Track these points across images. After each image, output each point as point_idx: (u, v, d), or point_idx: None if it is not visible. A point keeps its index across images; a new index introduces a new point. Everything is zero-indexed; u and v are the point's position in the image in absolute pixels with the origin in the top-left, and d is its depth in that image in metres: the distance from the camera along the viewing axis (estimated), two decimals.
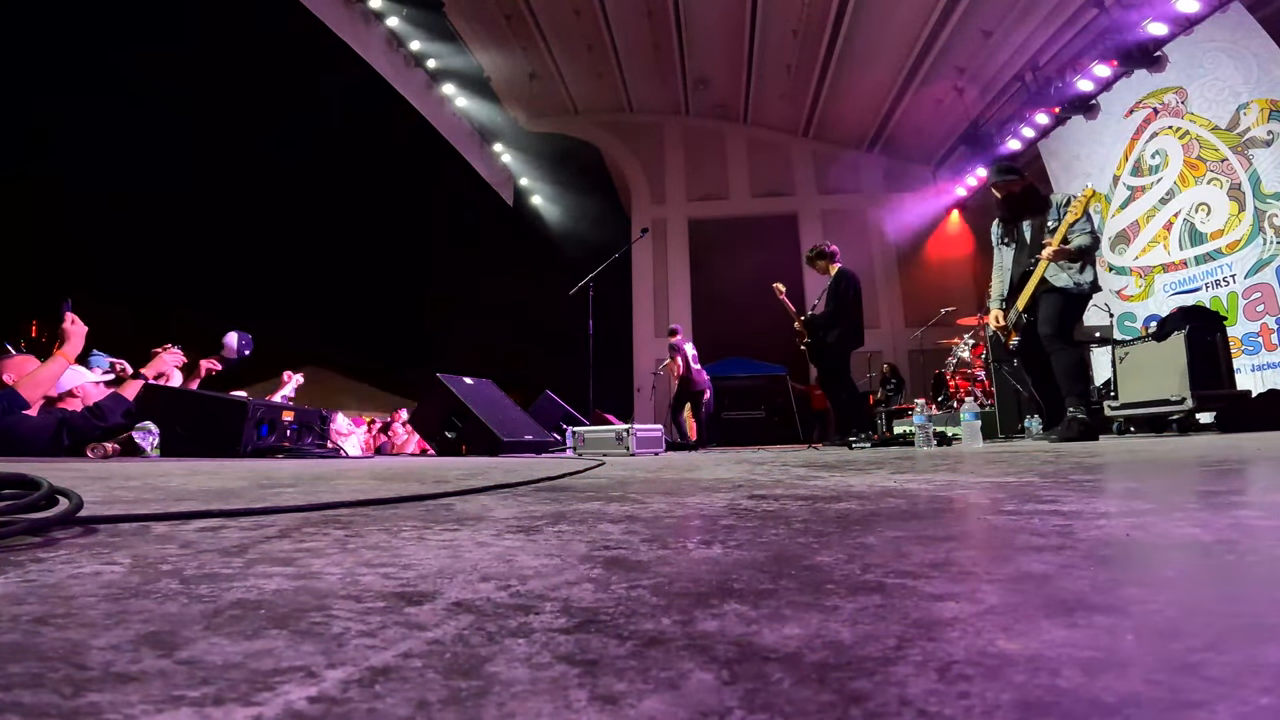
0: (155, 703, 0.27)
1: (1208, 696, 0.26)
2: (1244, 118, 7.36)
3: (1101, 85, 9.09)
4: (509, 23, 11.38)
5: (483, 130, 13.88)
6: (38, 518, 0.69)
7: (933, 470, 1.68)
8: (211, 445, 3.32)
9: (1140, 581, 0.49)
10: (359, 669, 0.31)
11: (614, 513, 0.92)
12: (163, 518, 0.82)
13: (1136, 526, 0.69)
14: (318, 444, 3.97)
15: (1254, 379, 7.00)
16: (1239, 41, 7.38)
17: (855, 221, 13.99)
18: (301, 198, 11.96)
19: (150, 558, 0.58)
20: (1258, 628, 0.35)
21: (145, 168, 10.40)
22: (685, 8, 10.99)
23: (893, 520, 0.79)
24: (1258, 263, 7.20)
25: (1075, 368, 3.95)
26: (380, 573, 0.52)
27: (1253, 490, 1.07)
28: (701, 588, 0.47)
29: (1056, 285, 3.94)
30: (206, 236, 11.23)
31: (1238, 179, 7.43)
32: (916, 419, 4.13)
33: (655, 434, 4.75)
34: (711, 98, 13.74)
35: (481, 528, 0.78)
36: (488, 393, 5.10)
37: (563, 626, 0.38)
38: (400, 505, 1.01)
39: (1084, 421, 3.80)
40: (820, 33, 11.08)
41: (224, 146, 11.05)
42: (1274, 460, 1.63)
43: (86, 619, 0.39)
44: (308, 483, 1.49)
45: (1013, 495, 1.02)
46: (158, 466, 2.19)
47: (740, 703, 0.27)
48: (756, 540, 0.67)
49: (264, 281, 11.89)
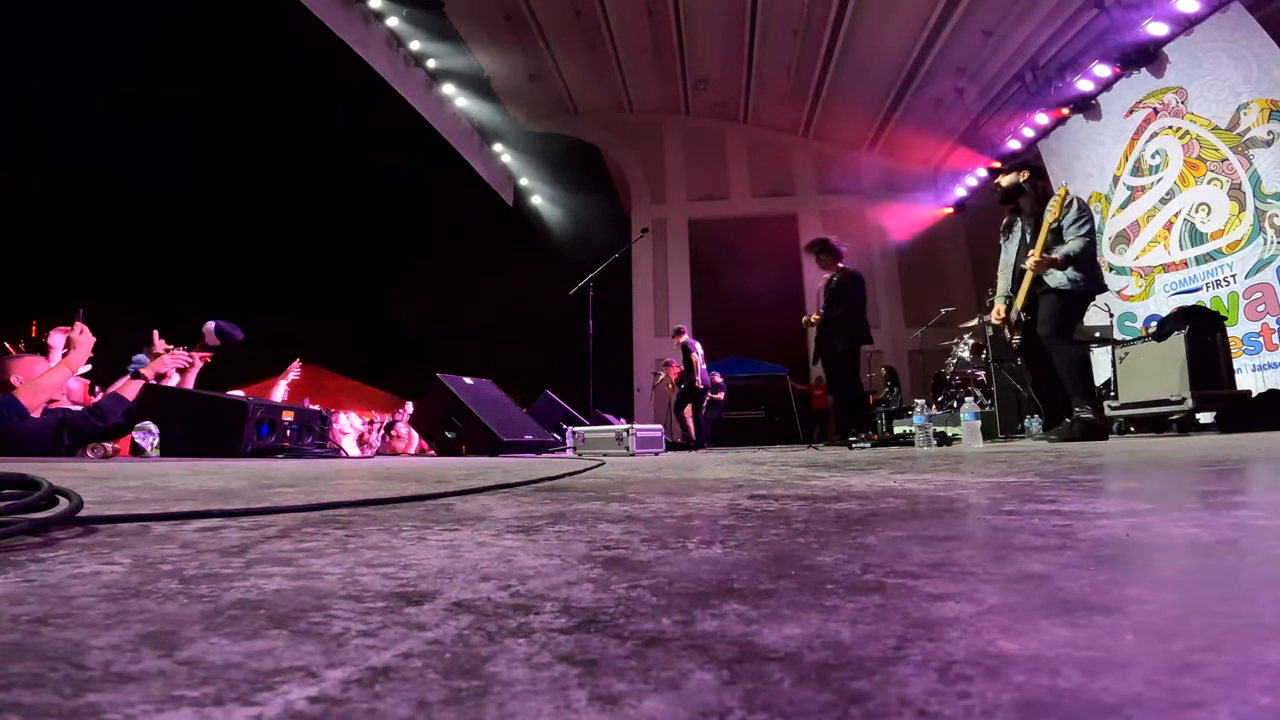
0: (155, 703, 0.27)
1: (1208, 696, 0.26)
2: (1244, 118, 7.36)
3: (1101, 85, 9.09)
4: (509, 23, 11.38)
5: (483, 130, 13.88)
6: (38, 518, 0.68)
7: (933, 470, 1.68)
8: (211, 445, 3.32)
9: (1140, 581, 0.49)
10: (359, 669, 0.31)
11: (614, 513, 0.92)
12: (163, 518, 0.82)
13: (1136, 526, 0.69)
14: (318, 444, 3.97)
15: (1255, 379, 7.00)
16: (1239, 41, 7.38)
17: (855, 221, 14.00)
18: (302, 198, 11.96)
19: (150, 558, 0.58)
20: (1258, 628, 0.35)
21: (145, 167, 10.41)
22: (685, 8, 10.99)
23: (893, 520, 0.79)
24: (1258, 263, 7.20)
25: (1077, 366, 3.88)
26: (380, 573, 0.52)
27: (1253, 490, 1.07)
28: (701, 588, 0.47)
29: (1052, 284, 3.91)
30: (206, 237, 11.23)
31: (1238, 179, 7.43)
32: (916, 419, 4.12)
33: (655, 434, 4.75)
34: (711, 98, 13.75)
35: (481, 528, 0.78)
36: (488, 393, 5.10)
37: (563, 626, 0.38)
38: (400, 505, 1.01)
39: (1090, 421, 3.73)
40: (820, 33, 11.08)
41: (223, 146, 11.05)
42: (1274, 460, 1.63)
43: (86, 619, 0.39)
44: (308, 483, 1.49)
45: (1013, 495, 1.02)
46: (158, 466, 2.19)
47: (740, 703, 0.27)
48: (757, 540, 0.67)
49: (264, 281, 11.89)
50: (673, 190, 14.86)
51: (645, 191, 14.93)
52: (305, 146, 11.56)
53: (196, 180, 11.03)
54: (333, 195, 12.53)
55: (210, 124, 10.94)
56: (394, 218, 13.70)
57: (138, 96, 10.11)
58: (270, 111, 11.01)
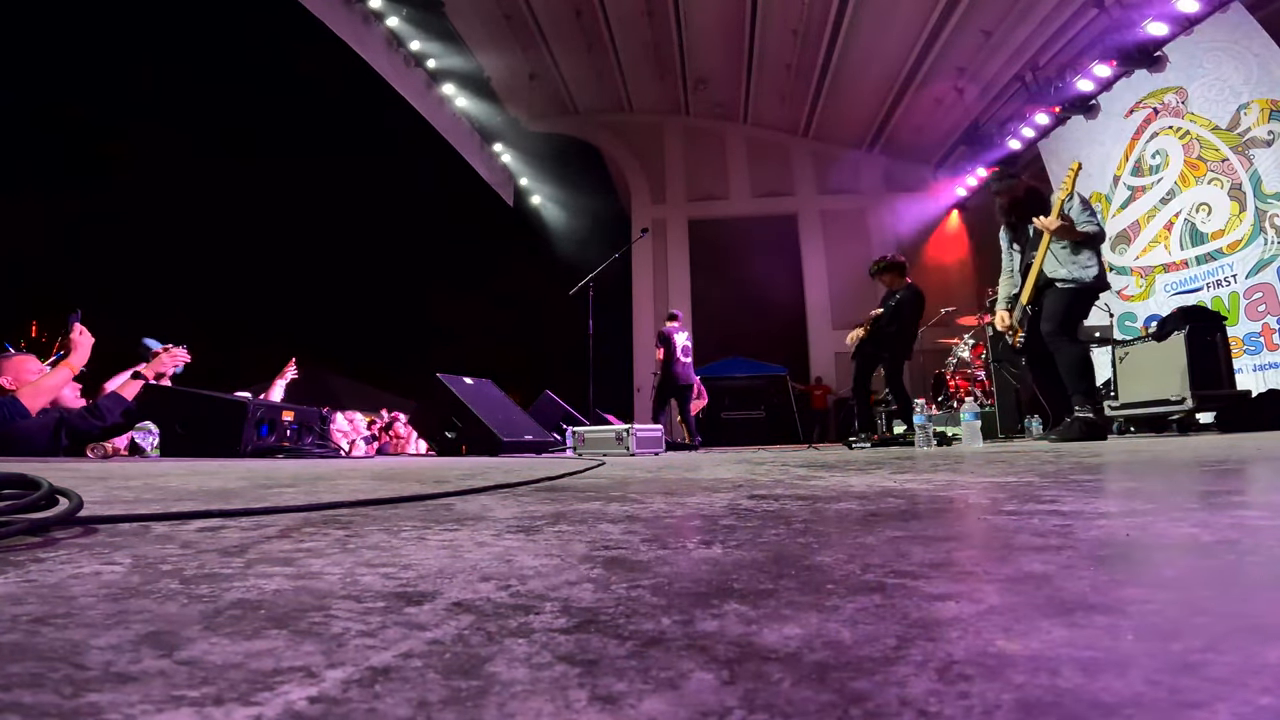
0: (155, 703, 0.27)
1: (1208, 696, 0.26)
2: (1244, 118, 7.36)
3: (1101, 85, 9.09)
4: (509, 23, 11.38)
5: (483, 130, 13.88)
6: (38, 518, 0.68)
7: (933, 470, 1.68)
8: (211, 445, 3.32)
9: (1140, 581, 0.49)
10: (359, 669, 0.31)
11: (614, 513, 0.92)
12: (163, 518, 0.82)
13: (1136, 526, 0.69)
14: (318, 444, 3.97)
15: (1255, 379, 7.00)
16: (1239, 41, 7.38)
17: (855, 221, 14.00)
18: (301, 198, 11.97)
19: (150, 558, 0.58)
20: (1258, 628, 0.35)
21: (145, 166, 10.41)
22: (685, 8, 10.99)
23: (893, 520, 0.79)
24: (1259, 262, 7.20)
25: (1080, 365, 3.83)
26: (380, 573, 0.52)
27: (1253, 490, 1.07)
28: (701, 588, 0.47)
29: (1057, 278, 3.85)
30: (206, 236, 11.23)
31: (1238, 179, 7.43)
32: (916, 419, 4.12)
33: (655, 434, 4.75)
34: (711, 98, 13.75)
35: (481, 528, 0.78)
36: (488, 393, 5.10)
37: (563, 626, 0.38)
38: (400, 505, 1.01)
39: (1089, 420, 3.70)
40: (820, 33, 11.08)
41: (223, 146, 11.06)
42: (1274, 460, 1.63)
43: (86, 619, 0.39)
44: (308, 483, 1.49)
45: (1013, 495, 1.02)
46: (158, 466, 2.19)
47: (740, 703, 0.27)
48: (757, 540, 0.67)
49: (263, 281, 11.89)
50: (673, 190, 14.86)
51: (645, 191, 14.93)
52: (305, 147, 11.57)
53: (196, 180, 11.03)
54: (332, 195, 12.53)
55: (210, 123, 10.95)
56: (394, 218, 13.70)
57: (139, 99, 10.12)
58: (270, 111, 11.02)
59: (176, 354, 3.63)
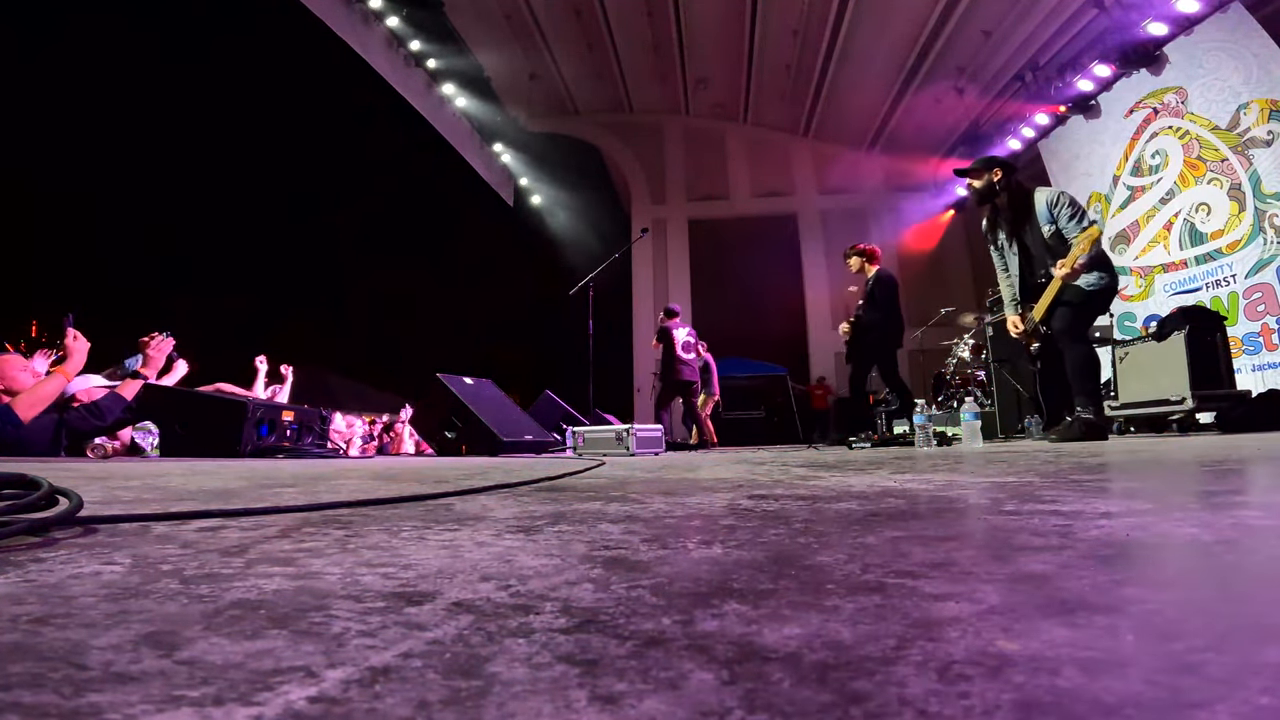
0: (155, 703, 0.27)
1: (1208, 696, 0.26)
2: (1244, 118, 7.36)
3: (1101, 85, 9.09)
4: (509, 23, 11.38)
5: (483, 130, 13.87)
6: (38, 518, 0.68)
7: (933, 470, 1.68)
8: (211, 445, 3.32)
9: (1140, 581, 0.49)
10: (359, 669, 0.31)
11: (614, 513, 0.92)
12: (163, 518, 0.82)
13: (1136, 526, 0.69)
14: (318, 444, 3.97)
15: (1255, 379, 7.00)
16: (1239, 41, 7.38)
17: (856, 221, 13.99)
18: (301, 198, 11.97)
19: (150, 558, 0.58)
20: (1258, 628, 0.35)
21: (144, 166, 10.41)
22: (685, 8, 10.99)
23: (893, 520, 0.79)
24: (1258, 262, 7.20)
25: (1086, 365, 3.80)
26: (380, 573, 0.52)
27: (1253, 490, 1.07)
28: (701, 588, 0.47)
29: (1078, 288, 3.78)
30: (205, 236, 11.23)
31: (1238, 179, 7.43)
32: (916, 419, 4.11)
33: (655, 434, 4.75)
34: (711, 98, 13.75)
35: (481, 528, 0.78)
36: (488, 393, 5.10)
37: (563, 626, 0.38)
38: (400, 505, 1.01)
39: (1090, 420, 3.68)
40: (820, 33, 11.08)
41: (222, 146, 11.05)
42: (1274, 460, 1.63)
43: (86, 619, 0.39)
44: (308, 483, 1.49)
45: (1013, 495, 1.02)
46: (157, 466, 2.19)
47: (740, 703, 0.27)
48: (757, 540, 0.67)
49: (263, 281, 11.89)
50: (673, 190, 14.86)
51: (645, 191, 14.93)
52: (305, 147, 11.57)
53: (195, 181, 11.03)
54: (333, 196, 12.53)
55: (209, 124, 10.94)
56: (394, 217, 13.70)
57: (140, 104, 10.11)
58: (269, 111, 11.02)
59: (162, 343, 3.58)
